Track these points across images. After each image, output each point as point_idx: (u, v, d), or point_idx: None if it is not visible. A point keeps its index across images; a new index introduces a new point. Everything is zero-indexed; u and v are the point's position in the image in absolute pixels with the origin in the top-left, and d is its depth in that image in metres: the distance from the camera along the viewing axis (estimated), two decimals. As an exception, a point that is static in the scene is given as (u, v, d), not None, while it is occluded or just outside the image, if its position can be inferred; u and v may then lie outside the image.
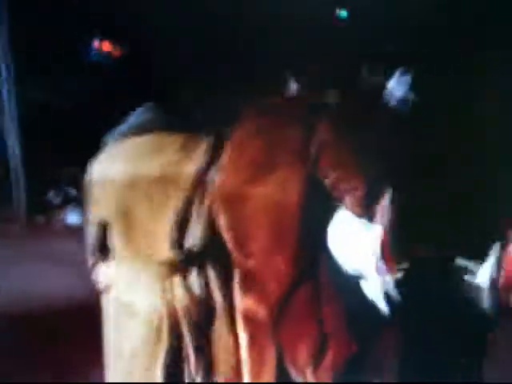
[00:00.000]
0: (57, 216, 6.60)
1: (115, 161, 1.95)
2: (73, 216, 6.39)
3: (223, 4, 6.18)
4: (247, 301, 1.88)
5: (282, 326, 1.86)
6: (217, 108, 2.07)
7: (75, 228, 5.92)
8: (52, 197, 6.91)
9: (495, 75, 2.39)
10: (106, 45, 7.63)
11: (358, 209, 1.84)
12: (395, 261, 2.11)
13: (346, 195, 1.82)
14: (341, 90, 2.00)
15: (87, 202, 2.02)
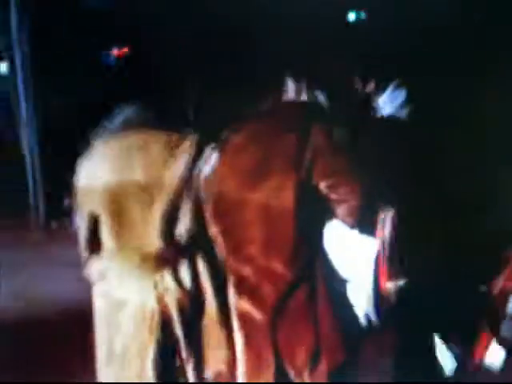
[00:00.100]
0: (72, 221, 6.65)
1: (102, 160, 2.03)
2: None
3: (223, 4, 6.18)
4: (243, 304, 1.92)
5: (279, 329, 1.90)
6: (215, 109, 2.12)
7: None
8: (68, 201, 6.95)
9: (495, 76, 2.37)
10: (124, 51, 7.77)
11: (350, 219, 1.85)
12: (393, 274, 2.14)
13: (338, 205, 1.83)
14: (337, 95, 2.01)
15: (77, 200, 2.09)
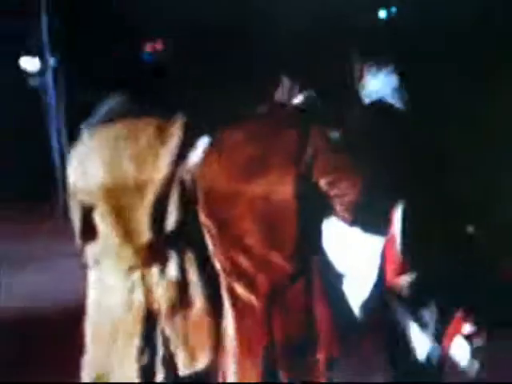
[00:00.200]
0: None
1: (90, 152, 2.01)
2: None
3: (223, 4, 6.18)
4: (238, 288, 1.89)
5: (274, 317, 1.86)
6: (214, 108, 2.10)
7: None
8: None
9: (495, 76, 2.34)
10: (159, 44, 7.83)
11: (347, 214, 1.81)
12: (406, 269, 2.10)
13: (337, 200, 1.80)
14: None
15: (69, 191, 2.08)
